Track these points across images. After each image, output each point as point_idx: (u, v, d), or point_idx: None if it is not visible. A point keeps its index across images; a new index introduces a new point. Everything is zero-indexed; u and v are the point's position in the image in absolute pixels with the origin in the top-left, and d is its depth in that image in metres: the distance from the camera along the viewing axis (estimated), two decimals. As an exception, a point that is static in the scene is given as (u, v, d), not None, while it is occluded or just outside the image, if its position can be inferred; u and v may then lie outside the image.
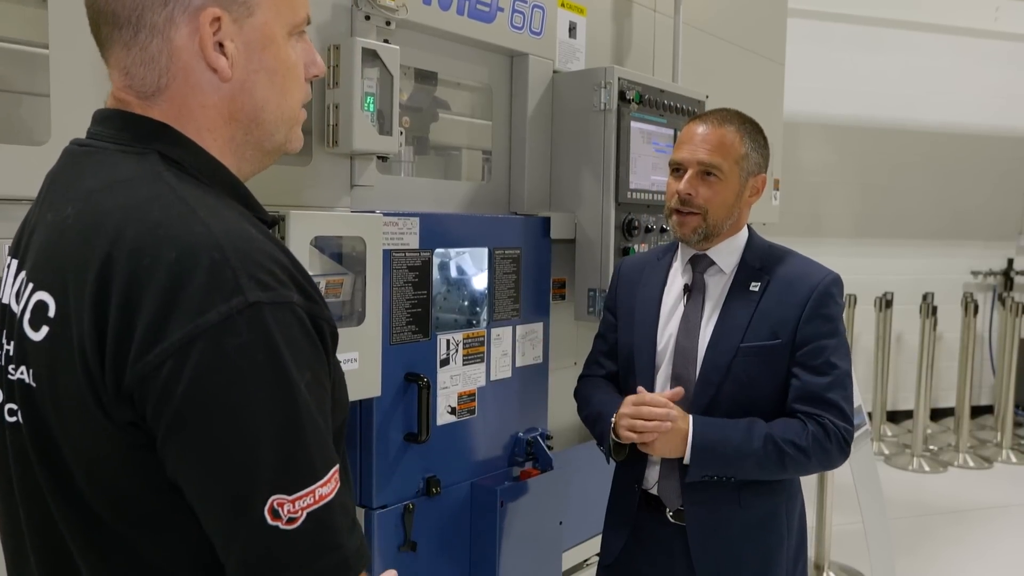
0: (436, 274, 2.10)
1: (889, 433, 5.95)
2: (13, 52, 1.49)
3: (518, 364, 2.13)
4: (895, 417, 6.23)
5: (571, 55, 2.33)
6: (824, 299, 1.63)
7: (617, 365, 1.79)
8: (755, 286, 1.66)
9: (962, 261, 6.40)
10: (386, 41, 1.75)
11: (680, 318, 1.71)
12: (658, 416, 1.57)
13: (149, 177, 0.78)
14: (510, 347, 2.11)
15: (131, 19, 0.79)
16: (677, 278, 1.75)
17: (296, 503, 0.71)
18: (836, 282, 1.67)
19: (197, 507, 0.73)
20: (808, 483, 3.63)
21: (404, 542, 1.84)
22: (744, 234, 1.74)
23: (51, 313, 0.77)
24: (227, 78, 0.82)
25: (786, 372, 1.63)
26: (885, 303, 5.78)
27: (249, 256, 0.72)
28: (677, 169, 1.67)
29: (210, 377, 0.69)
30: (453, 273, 2.16)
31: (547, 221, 2.18)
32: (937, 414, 6.33)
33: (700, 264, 1.72)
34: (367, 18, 1.75)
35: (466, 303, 2.14)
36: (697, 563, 1.65)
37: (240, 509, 0.71)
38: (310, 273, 1.61)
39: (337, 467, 0.75)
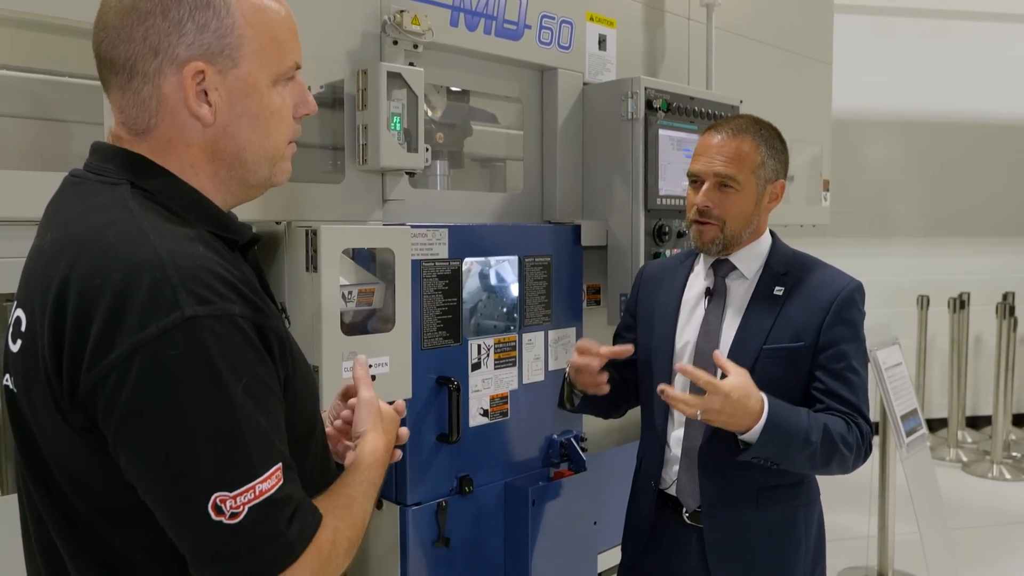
0: (477, 282, 2.20)
1: (969, 440, 5.71)
2: (68, 84, 1.65)
3: (551, 368, 2.20)
4: (975, 423, 5.97)
5: (601, 66, 2.39)
6: (847, 305, 1.64)
7: (624, 363, 1.81)
8: (779, 291, 1.67)
9: (1044, 259, 6.09)
10: (412, 64, 1.85)
11: (700, 321, 1.74)
12: (701, 403, 1.48)
13: (115, 205, 0.87)
14: (542, 351, 2.18)
15: (126, 67, 0.90)
16: (698, 281, 1.78)
17: (237, 499, 0.78)
18: (859, 289, 1.68)
19: (150, 505, 0.82)
20: (869, 490, 3.56)
21: (438, 538, 1.93)
22: (767, 240, 1.75)
23: (23, 328, 0.87)
24: (208, 124, 0.91)
25: (807, 375, 1.63)
26: (959, 304, 5.56)
27: (190, 273, 0.80)
28: (695, 180, 1.70)
29: (149, 387, 0.77)
30: (493, 281, 2.25)
31: (578, 229, 2.25)
32: (1021, 420, 6.04)
33: (722, 269, 1.74)
34: (395, 43, 1.86)
35: (504, 309, 2.22)
36: (713, 565, 1.66)
37: (185, 507, 0.78)
38: (343, 282, 1.72)
39: (281, 462, 0.83)
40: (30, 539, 0.97)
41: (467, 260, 2.01)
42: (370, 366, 1.71)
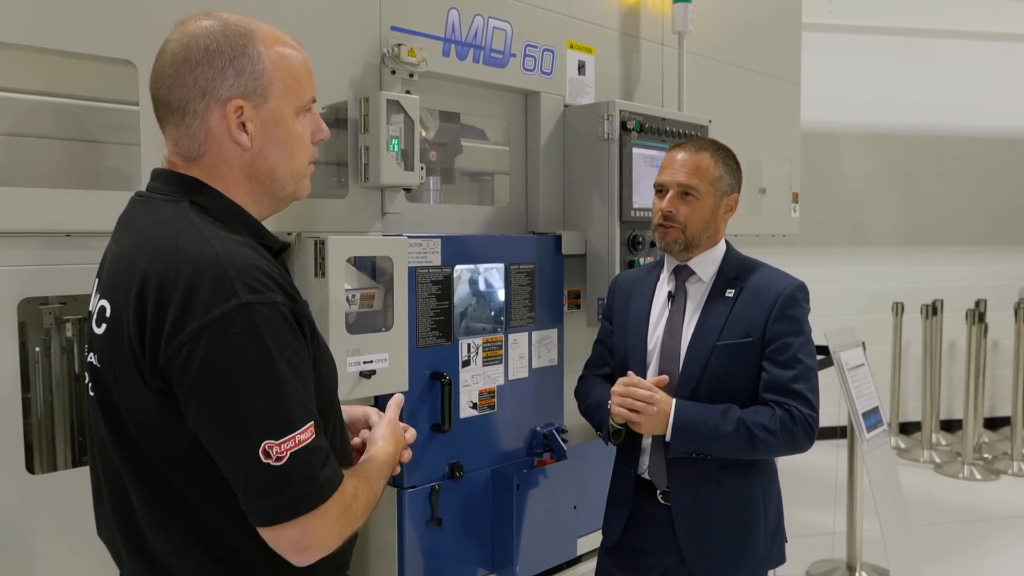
0: (466, 287, 2.41)
1: (943, 442, 5.93)
2: (108, 110, 1.86)
3: (535, 366, 2.41)
4: (949, 426, 6.19)
5: (581, 90, 2.61)
6: (789, 302, 1.85)
7: (613, 367, 2.03)
8: (730, 292, 1.89)
9: (1016, 267, 6.33)
10: (408, 92, 2.07)
11: (665, 321, 1.96)
12: (644, 398, 1.79)
13: (179, 218, 1.09)
14: (526, 350, 2.39)
15: (180, 107, 1.12)
16: (663, 288, 2.00)
17: (281, 446, 1.00)
18: (801, 288, 1.89)
19: (212, 452, 1.03)
20: (839, 487, 3.77)
21: (432, 518, 2.14)
22: (722, 248, 1.97)
23: (108, 314, 1.09)
24: (247, 149, 1.13)
25: (757, 367, 1.84)
26: (932, 311, 5.79)
27: (244, 269, 1.02)
28: (660, 190, 1.93)
29: (214, 357, 0.98)
30: (481, 287, 2.46)
31: (559, 239, 2.46)
32: (996, 423, 6.27)
33: (682, 274, 1.96)
34: (393, 72, 2.08)
35: (492, 312, 2.43)
36: (681, 537, 1.87)
37: (240, 452, 1.00)
38: (347, 287, 1.94)
39: (313, 421, 1.04)
40: (102, 502, 1.19)
41: (458, 268, 2.22)
42: (372, 366, 1.93)
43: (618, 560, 1.98)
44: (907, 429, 6.13)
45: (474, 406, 2.25)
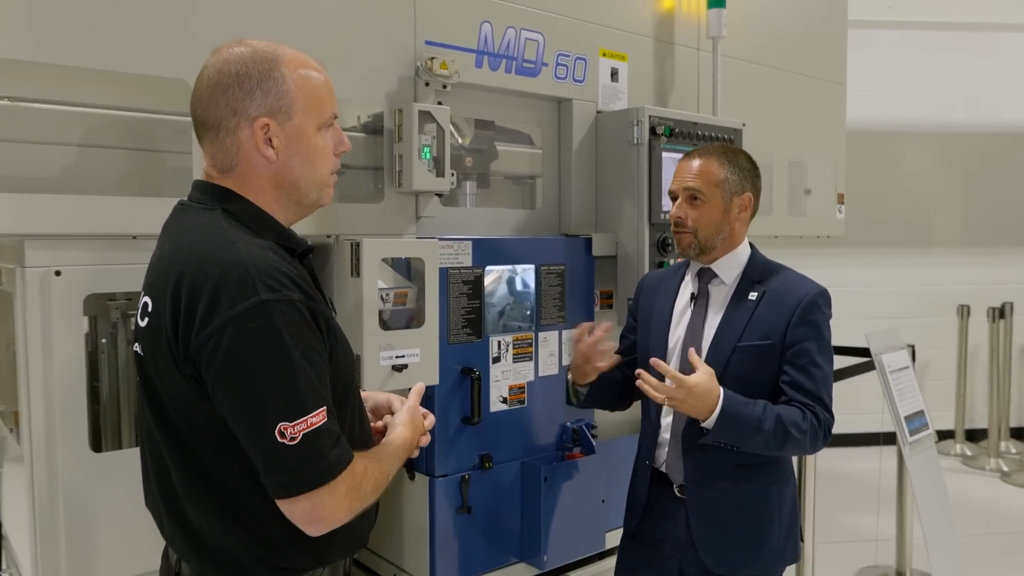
0: (505, 288, 2.52)
1: (1012, 450, 5.73)
2: (168, 122, 2.05)
3: (565, 363, 2.50)
4: (1020, 434, 5.97)
5: (613, 96, 2.69)
6: (810, 308, 1.88)
7: (626, 357, 2.10)
8: (753, 296, 1.93)
9: (1093, 268, 6.06)
10: (440, 103, 2.20)
11: (687, 322, 2.02)
12: (668, 391, 1.76)
13: (212, 224, 1.23)
14: (556, 348, 2.48)
15: (214, 125, 1.26)
16: (687, 289, 2.05)
17: (295, 427, 1.13)
18: (823, 294, 1.92)
19: (236, 432, 1.17)
20: (884, 492, 3.71)
21: (461, 505, 2.26)
22: (745, 250, 2.00)
23: (150, 309, 1.24)
24: (273, 161, 1.27)
25: (777, 369, 1.87)
26: (999, 313, 5.60)
27: (264, 271, 1.16)
28: (674, 197, 1.99)
29: (236, 347, 1.12)
30: (519, 287, 2.56)
31: (589, 241, 2.55)
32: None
33: (705, 276, 2.01)
34: (426, 84, 2.20)
35: (528, 312, 2.54)
36: (695, 532, 1.92)
37: (259, 432, 1.13)
38: (382, 286, 2.08)
39: (325, 406, 1.16)
40: (149, 476, 1.35)
41: (498, 269, 2.33)
42: (404, 360, 2.06)
43: (636, 550, 2.05)
44: (974, 436, 5.93)
45: (504, 401, 2.36)
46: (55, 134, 1.87)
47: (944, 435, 5.95)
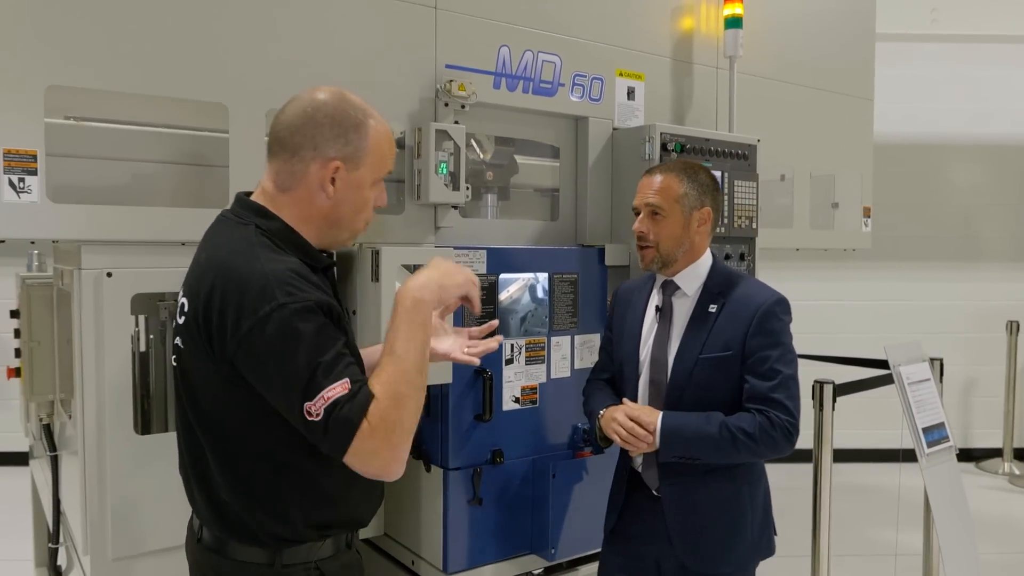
0: (528, 296, 2.67)
1: (1066, 470, 5.58)
2: (203, 137, 2.27)
3: (577, 367, 2.63)
4: (1076, 453, 5.80)
5: (630, 114, 2.82)
6: (767, 317, 1.94)
7: (613, 372, 2.19)
8: (713, 307, 2.00)
9: None
10: (456, 122, 2.37)
11: (655, 334, 2.08)
12: (641, 437, 1.95)
13: (243, 239, 1.38)
14: (568, 352, 2.62)
15: (291, 149, 1.40)
16: (654, 302, 2.12)
17: (316, 405, 1.28)
18: (779, 302, 1.98)
19: (277, 407, 1.33)
20: (907, 507, 3.69)
21: (473, 497, 2.41)
22: (707, 261, 2.07)
23: (186, 309, 1.41)
24: (330, 198, 1.42)
25: (739, 378, 1.95)
26: (1049, 330, 5.47)
27: (282, 280, 1.30)
28: (638, 212, 2.07)
29: (263, 346, 1.28)
30: (539, 294, 2.71)
31: (602, 251, 2.67)
32: None
33: (668, 289, 2.08)
34: (446, 105, 2.38)
35: (547, 318, 2.68)
36: (672, 530, 2.01)
37: (295, 416, 1.29)
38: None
39: (343, 380, 1.26)
40: (184, 459, 1.53)
41: (523, 277, 2.47)
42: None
43: (616, 546, 2.16)
44: (1023, 455, 5.79)
45: (516, 400, 2.50)
46: (110, 150, 2.11)
47: (992, 453, 5.83)
